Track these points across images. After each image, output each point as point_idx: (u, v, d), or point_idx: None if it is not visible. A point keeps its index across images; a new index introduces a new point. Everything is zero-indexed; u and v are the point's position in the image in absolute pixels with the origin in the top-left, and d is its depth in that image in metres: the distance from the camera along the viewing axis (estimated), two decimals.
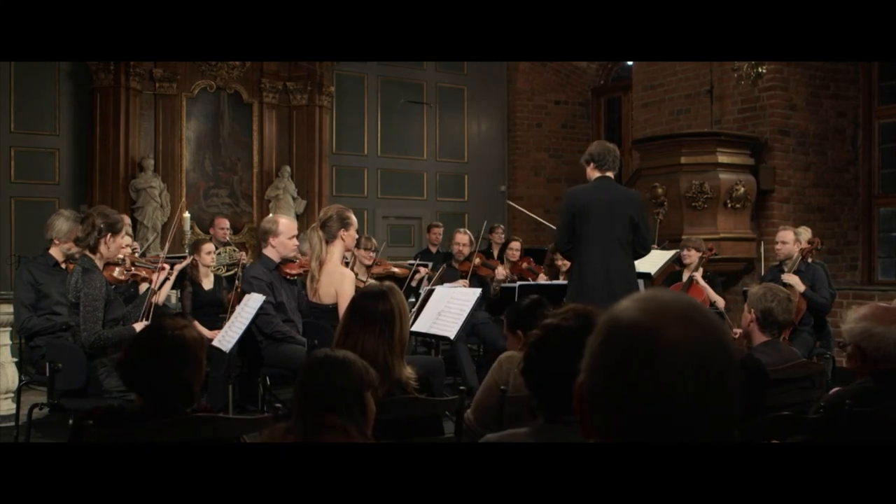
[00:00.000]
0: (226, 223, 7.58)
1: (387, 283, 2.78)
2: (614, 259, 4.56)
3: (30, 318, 4.52)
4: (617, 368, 0.91)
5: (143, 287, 4.56)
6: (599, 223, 4.54)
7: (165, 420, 2.13)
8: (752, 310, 3.29)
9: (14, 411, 4.58)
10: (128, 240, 4.58)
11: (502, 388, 2.41)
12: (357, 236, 4.54)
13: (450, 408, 2.53)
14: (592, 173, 4.69)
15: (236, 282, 5.43)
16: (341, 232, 4.20)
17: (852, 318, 2.52)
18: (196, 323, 5.36)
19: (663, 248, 6.33)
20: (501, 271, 6.76)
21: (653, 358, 0.88)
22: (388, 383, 2.41)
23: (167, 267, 4.46)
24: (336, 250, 4.21)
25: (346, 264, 5.17)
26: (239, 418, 2.38)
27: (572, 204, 4.60)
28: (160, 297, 4.61)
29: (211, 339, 4.35)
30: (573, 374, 1.69)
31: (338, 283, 4.19)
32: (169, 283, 4.83)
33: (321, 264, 4.16)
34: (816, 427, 2.20)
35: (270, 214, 7.15)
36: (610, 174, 4.68)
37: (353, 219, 4.31)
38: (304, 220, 8.64)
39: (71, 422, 3.63)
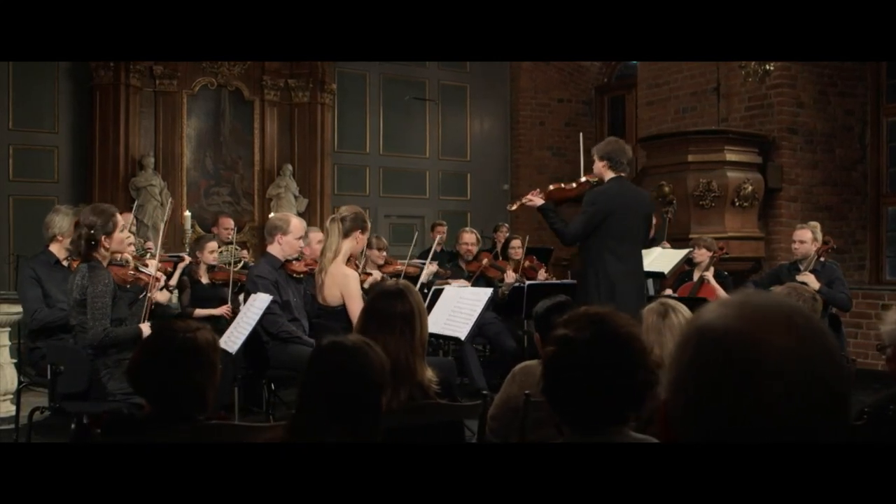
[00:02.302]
0: (230, 223, 7.48)
1: (402, 281, 2.68)
2: (640, 263, 4.52)
3: (40, 310, 4.39)
4: (715, 383, 0.81)
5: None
6: (630, 227, 4.46)
7: (175, 428, 2.04)
8: None
9: (13, 413, 4.48)
10: (125, 234, 4.47)
11: (526, 392, 2.31)
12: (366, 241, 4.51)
13: (472, 413, 2.43)
14: (605, 172, 4.51)
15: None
16: (356, 232, 4.15)
17: (892, 320, 2.40)
18: (198, 310, 5.36)
19: (667, 248, 6.26)
20: (511, 275, 6.63)
21: (757, 370, 0.78)
22: (410, 386, 2.31)
23: (162, 277, 4.41)
24: (345, 247, 4.14)
25: (356, 265, 5.09)
26: (253, 425, 2.28)
27: (608, 205, 4.40)
28: (163, 298, 4.53)
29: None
30: (598, 384, 1.61)
31: (342, 283, 4.13)
32: (171, 284, 4.78)
33: (334, 255, 4.12)
34: (861, 433, 2.11)
35: (279, 212, 7.08)
36: (624, 175, 4.57)
37: (369, 225, 4.29)
38: (305, 219, 8.53)
39: (73, 426, 3.53)
